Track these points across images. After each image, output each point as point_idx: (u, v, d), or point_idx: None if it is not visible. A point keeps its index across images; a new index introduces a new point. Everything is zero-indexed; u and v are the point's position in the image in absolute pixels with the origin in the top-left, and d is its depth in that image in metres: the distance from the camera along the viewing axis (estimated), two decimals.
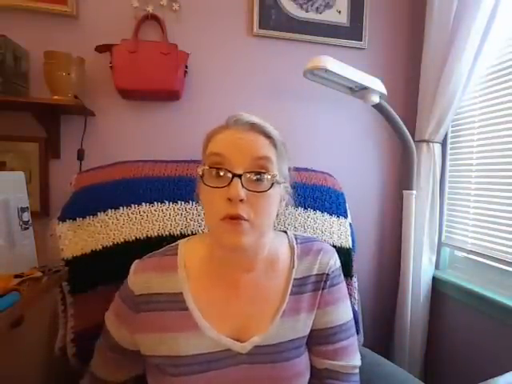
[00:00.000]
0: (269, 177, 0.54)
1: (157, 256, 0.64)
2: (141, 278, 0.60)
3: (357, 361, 0.64)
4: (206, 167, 0.55)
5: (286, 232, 0.70)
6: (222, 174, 0.53)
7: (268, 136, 0.56)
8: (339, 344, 0.62)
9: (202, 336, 0.57)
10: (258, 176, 0.54)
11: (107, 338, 0.63)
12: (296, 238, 0.67)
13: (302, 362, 0.61)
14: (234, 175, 0.52)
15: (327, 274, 0.63)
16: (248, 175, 0.53)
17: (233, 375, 0.57)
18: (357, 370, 0.64)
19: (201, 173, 0.55)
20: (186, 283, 0.60)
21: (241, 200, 0.52)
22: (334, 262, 0.65)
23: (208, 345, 0.57)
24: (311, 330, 0.63)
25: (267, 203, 0.55)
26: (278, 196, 0.58)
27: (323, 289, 0.63)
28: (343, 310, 0.65)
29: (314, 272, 0.63)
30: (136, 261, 0.64)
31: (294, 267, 0.63)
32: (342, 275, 0.68)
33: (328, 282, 0.63)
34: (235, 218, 0.52)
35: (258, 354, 0.58)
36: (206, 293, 0.60)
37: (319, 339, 0.63)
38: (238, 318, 0.59)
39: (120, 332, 0.62)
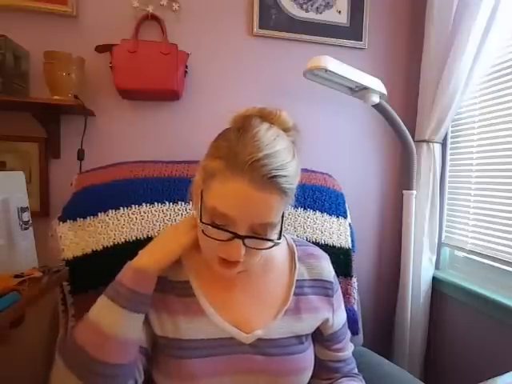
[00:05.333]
0: (270, 243, 0.53)
1: None
2: None
3: (352, 347, 0.73)
4: (207, 223, 0.51)
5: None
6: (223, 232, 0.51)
7: (283, 191, 0.50)
8: (342, 343, 0.69)
9: (208, 322, 0.59)
10: (261, 241, 0.52)
11: None
12: (294, 241, 0.71)
13: (306, 358, 0.63)
14: (236, 236, 0.50)
15: (332, 282, 0.68)
16: (250, 239, 0.51)
17: (235, 364, 0.58)
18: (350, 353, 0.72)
19: (200, 221, 0.52)
20: (192, 272, 0.62)
21: None
22: (331, 268, 0.70)
23: (212, 331, 0.59)
24: (320, 334, 0.67)
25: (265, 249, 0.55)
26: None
27: (331, 296, 0.67)
28: (343, 312, 0.71)
29: (314, 276, 0.67)
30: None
31: (295, 268, 0.66)
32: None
33: (334, 290, 0.68)
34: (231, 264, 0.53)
35: (260, 346, 0.60)
36: (209, 284, 0.62)
37: (326, 342, 0.68)
38: (240, 310, 0.61)
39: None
